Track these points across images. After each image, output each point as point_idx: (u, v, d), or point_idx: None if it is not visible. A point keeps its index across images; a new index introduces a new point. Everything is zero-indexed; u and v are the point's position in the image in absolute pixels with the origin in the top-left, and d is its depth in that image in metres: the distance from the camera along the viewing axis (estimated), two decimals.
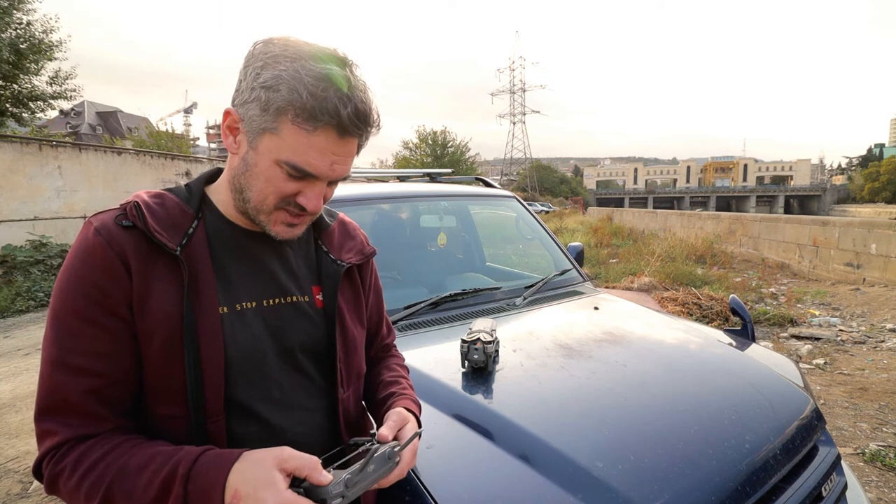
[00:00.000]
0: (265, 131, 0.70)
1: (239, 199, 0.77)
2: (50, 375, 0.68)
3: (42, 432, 0.68)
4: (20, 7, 10.49)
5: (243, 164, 0.74)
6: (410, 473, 0.98)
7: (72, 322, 0.68)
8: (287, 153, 0.70)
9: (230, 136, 0.75)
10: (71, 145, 9.21)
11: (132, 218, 0.72)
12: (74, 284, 0.69)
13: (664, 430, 1.12)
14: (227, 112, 0.74)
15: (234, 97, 0.74)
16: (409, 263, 2.31)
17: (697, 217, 14.68)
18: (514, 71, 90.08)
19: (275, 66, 0.68)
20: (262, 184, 0.73)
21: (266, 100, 0.68)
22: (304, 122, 0.68)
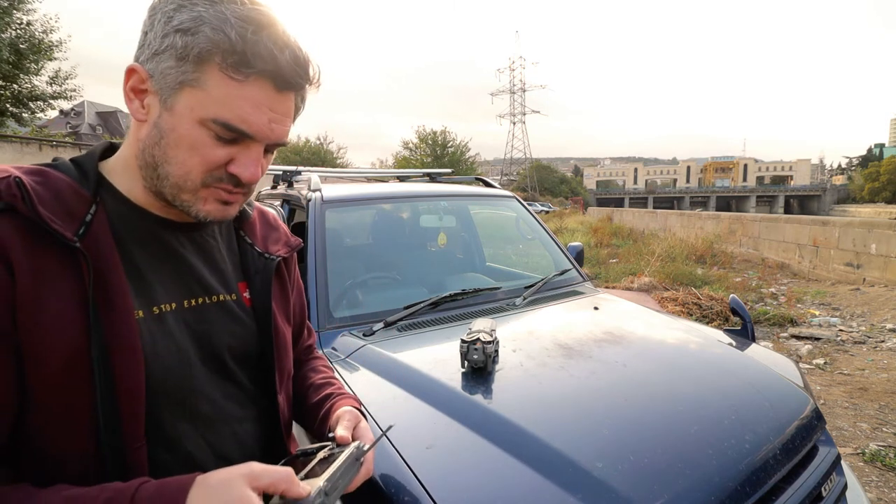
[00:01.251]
0: (183, 85, 0.58)
1: (151, 177, 0.63)
2: None
3: None
4: (20, 7, 10.50)
5: (156, 132, 0.60)
6: (411, 473, 0.98)
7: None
8: (214, 109, 0.58)
9: (135, 100, 0.61)
10: (71, 145, 9.23)
11: (10, 198, 0.54)
12: None
13: (664, 430, 1.12)
14: (129, 70, 0.60)
15: (136, 54, 0.61)
16: (409, 263, 2.31)
17: (697, 217, 14.68)
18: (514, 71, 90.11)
19: (192, 7, 0.57)
20: (183, 153, 0.60)
21: (183, 45, 0.56)
22: (234, 69, 0.57)
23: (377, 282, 2.08)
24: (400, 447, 1.05)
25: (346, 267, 2.03)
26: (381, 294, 1.99)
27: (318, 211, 1.93)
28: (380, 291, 2.02)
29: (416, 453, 1.04)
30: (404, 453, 1.04)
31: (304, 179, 2.37)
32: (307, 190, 2.05)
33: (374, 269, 2.14)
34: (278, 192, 2.53)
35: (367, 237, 2.42)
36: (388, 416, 1.17)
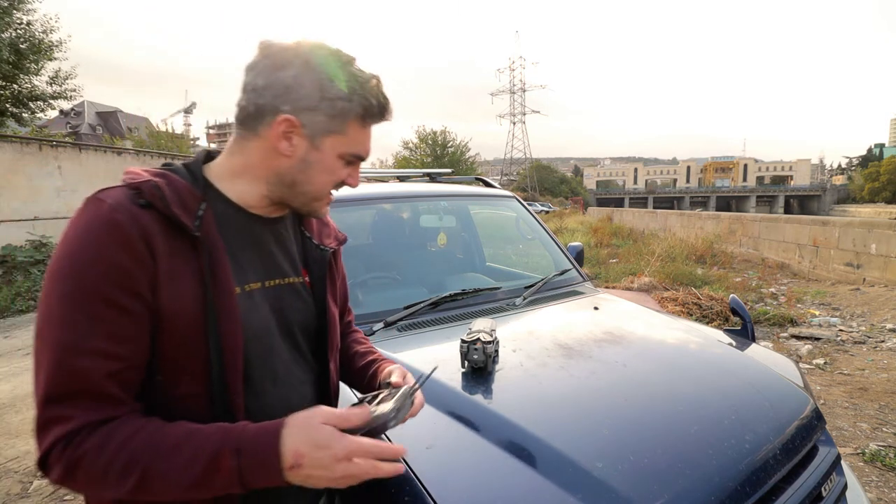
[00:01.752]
0: (330, 133, 0.79)
1: (283, 192, 0.82)
2: (62, 360, 0.64)
3: (51, 419, 0.64)
4: (20, 7, 10.49)
5: (303, 164, 0.80)
6: (410, 473, 0.98)
7: (91, 304, 0.65)
8: (351, 147, 0.81)
9: (283, 141, 0.78)
10: (71, 145, 9.21)
11: (151, 198, 0.71)
12: (92, 265, 0.65)
13: (664, 430, 1.12)
14: (285, 119, 0.76)
15: (276, 101, 0.76)
16: (409, 263, 2.31)
17: (697, 217, 14.68)
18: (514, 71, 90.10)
19: (338, 79, 0.78)
20: (324, 176, 0.82)
21: (341, 108, 0.77)
22: (366, 122, 0.82)
23: (377, 282, 2.08)
24: None
25: (346, 267, 2.03)
26: (381, 294, 1.99)
27: None
28: (380, 291, 2.02)
29: (416, 453, 1.04)
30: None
31: None
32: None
33: (374, 269, 2.14)
34: None
35: (367, 237, 2.42)
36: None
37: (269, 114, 0.77)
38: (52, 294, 0.66)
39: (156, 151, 11.60)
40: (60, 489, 2.65)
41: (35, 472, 2.79)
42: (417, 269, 2.32)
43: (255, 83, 0.77)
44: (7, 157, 7.87)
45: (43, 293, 0.67)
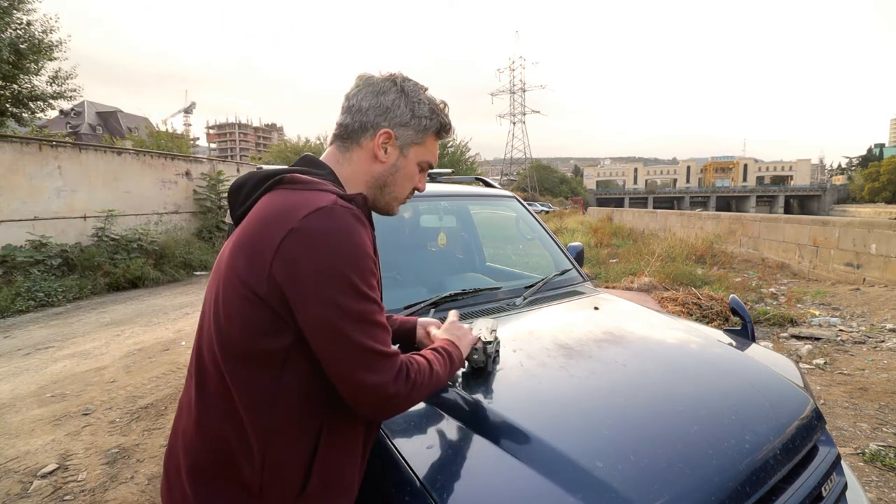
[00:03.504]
0: (414, 143, 1.02)
1: (377, 193, 1.03)
2: (377, 322, 0.87)
3: (392, 355, 0.90)
4: (20, 7, 10.48)
5: (393, 168, 1.02)
6: (410, 474, 0.98)
7: (372, 279, 0.87)
8: (427, 156, 1.06)
9: (381, 150, 1.00)
10: (71, 145, 9.21)
11: (362, 206, 0.93)
12: (363, 252, 0.85)
13: (664, 430, 1.12)
14: (386, 132, 0.99)
15: (377, 120, 0.99)
16: (409, 263, 2.31)
17: (697, 217, 14.68)
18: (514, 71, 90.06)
19: (423, 103, 1.02)
20: (407, 180, 1.05)
21: (425, 125, 1.02)
22: (440, 136, 1.06)
23: None
24: (400, 447, 1.06)
25: None
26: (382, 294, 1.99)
27: None
28: None
29: (416, 453, 1.04)
30: (404, 453, 1.04)
31: None
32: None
33: None
34: None
35: None
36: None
37: (372, 128, 0.99)
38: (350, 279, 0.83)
39: (156, 151, 11.59)
40: (61, 489, 2.65)
41: (35, 472, 2.79)
42: (417, 269, 2.32)
43: (359, 105, 0.99)
44: (7, 157, 7.87)
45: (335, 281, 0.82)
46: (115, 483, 2.71)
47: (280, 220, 0.83)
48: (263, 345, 0.83)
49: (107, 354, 4.90)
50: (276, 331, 0.83)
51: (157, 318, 6.37)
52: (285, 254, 0.81)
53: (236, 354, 0.85)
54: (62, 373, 4.38)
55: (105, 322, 6.16)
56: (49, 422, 3.45)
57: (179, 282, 9.08)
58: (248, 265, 0.84)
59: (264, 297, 0.82)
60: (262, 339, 0.83)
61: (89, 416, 3.54)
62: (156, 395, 3.90)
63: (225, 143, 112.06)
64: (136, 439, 3.20)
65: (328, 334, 0.82)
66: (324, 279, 0.81)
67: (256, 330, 0.83)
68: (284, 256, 0.81)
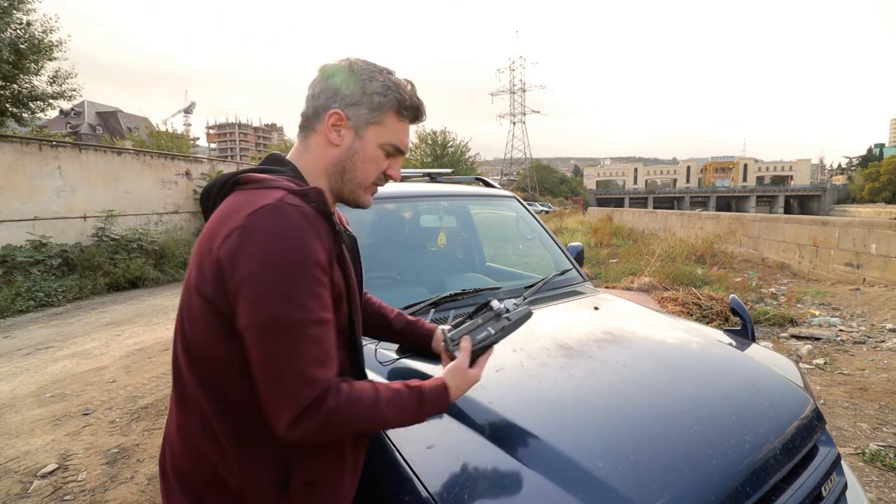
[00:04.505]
0: (371, 124, 0.94)
1: (337, 181, 0.97)
2: (308, 337, 0.79)
3: (312, 380, 0.79)
4: (20, 7, 10.48)
5: (349, 152, 0.95)
6: (411, 473, 0.98)
7: (314, 286, 0.80)
8: (390, 137, 0.97)
9: (332, 132, 0.94)
10: (71, 145, 9.21)
11: (317, 201, 0.87)
12: (306, 255, 0.80)
13: (664, 430, 1.12)
14: (334, 112, 0.93)
15: (327, 102, 0.94)
16: (409, 263, 2.31)
17: (697, 217, 14.67)
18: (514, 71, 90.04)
19: (377, 79, 0.94)
20: (367, 164, 0.97)
21: (378, 102, 0.93)
22: (402, 115, 0.97)
23: (377, 282, 2.08)
24: (400, 447, 1.06)
25: None
26: (381, 294, 1.98)
27: None
28: (380, 291, 2.01)
29: (416, 453, 1.04)
30: (404, 453, 1.04)
31: None
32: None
33: (374, 269, 2.14)
34: None
35: (367, 237, 2.42)
36: None
37: (323, 111, 0.94)
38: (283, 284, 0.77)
39: (156, 151, 11.59)
40: (61, 489, 2.65)
41: (35, 472, 2.79)
42: (417, 269, 2.32)
43: (313, 93, 0.95)
44: (7, 157, 7.86)
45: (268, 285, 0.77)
46: (115, 483, 2.71)
47: (224, 222, 0.82)
48: (220, 350, 0.82)
49: (107, 354, 4.90)
50: (228, 335, 0.81)
51: (158, 317, 6.37)
52: (224, 255, 0.79)
53: (200, 360, 0.85)
54: (62, 373, 4.38)
55: (105, 322, 6.16)
56: (49, 422, 3.45)
57: (179, 282, 9.07)
58: (198, 270, 0.83)
59: (212, 301, 0.80)
60: (218, 344, 0.82)
61: (89, 416, 3.54)
62: (156, 394, 3.90)
63: (225, 143, 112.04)
64: (136, 439, 3.20)
65: (252, 342, 0.78)
66: (256, 283, 0.77)
67: (213, 335, 0.82)
68: (223, 258, 0.79)
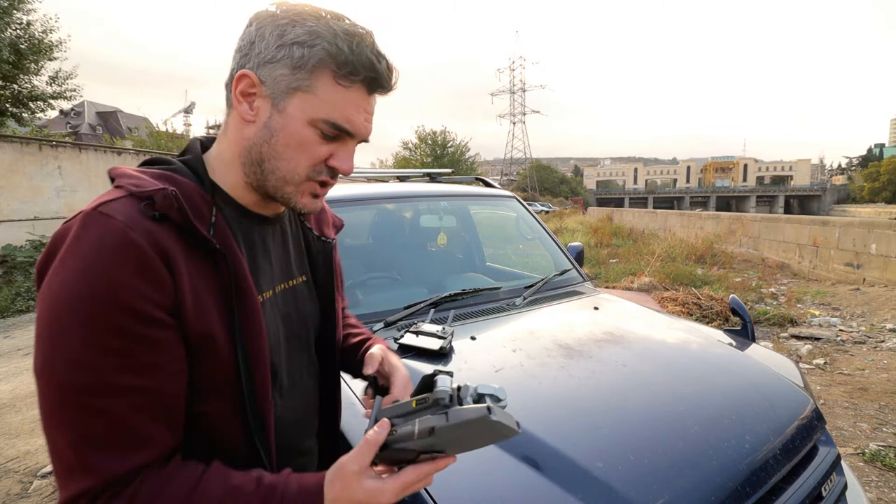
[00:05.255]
0: (296, 91, 0.64)
1: (255, 172, 0.69)
2: (85, 403, 0.55)
3: (81, 469, 0.55)
4: (20, 7, 10.49)
5: (266, 132, 0.66)
6: None
7: (108, 338, 0.55)
8: (325, 110, 0.65)
9: (244, 103, 0.66)
10: (71, 145, 9.21)
11: (167, 209, 0.60)
12: (106, 293, 0.55)
13: (664, 430, 1.12)
14: (241, 75, 0.65)
15: (241, 61, 0.66)
16: (409, 263, 2.31)
17: (697, 217, 14.67)
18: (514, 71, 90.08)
19: (303, 23, 0.63)
20: (293, 150, 0.66)
21: (300, 56, 0.63)
22: (344, 77, 0.64)
23: (377, 282, 2.08)
24: None
25: (346, 267, 2.02)
26: (381, 294, 1.99)
27: None
28: (380, 291, 2.02)
29: None
30: None
31: None
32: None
33: (374, 269, 2.14)
34: None
35: (367, 237, 2.42)
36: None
37: (234, 76, 0.66)
38: (58, 329, 0.55)
39: (156, 151, 11.60)
40: None
41: (35, 472, 2.79)
42: (417, 269, 2.32)
43: (236, 48, 0.68)
44: (7, 157, 7.87)
45: (44, 326, 0.56)
46: None
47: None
48: None
49: None
50: None
51: None
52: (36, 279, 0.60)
53: None
54: None
55: None
56: None
57: None
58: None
59: None
60: None
61: None
62: None
63: None
64: None
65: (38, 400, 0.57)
66: (40, 324, 0.56)
67: None
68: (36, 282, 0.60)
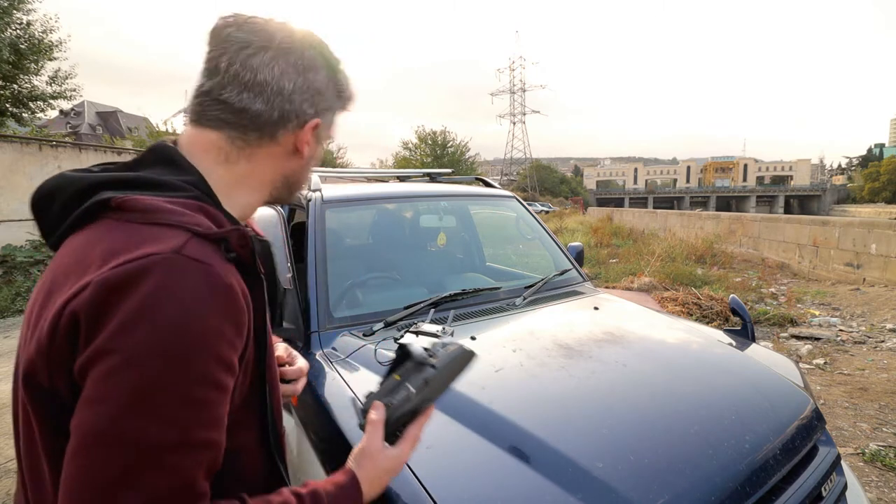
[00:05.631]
0: (327, 125, 0.76)
1: (285, 191, 0.76)
2: (161, 461, 0.52)
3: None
4: (20, 7, 10.49)
5: (310, 161, 0.76)
6: (411, 473, 0.98)
7: (197, 389, 0.53)
8: (331, 133, 0.78)
9: (308, 145, 0.73)
10: (71, 145, 9.21)
11: (239, 250, 0.62)
12: (201, 342, 0.54)
13: (664, 430, 1.12)
14: (317, 124, 0.72)
15: (305, 107, 0.70)
16: (409, 263, 2.31)
17: (697, 217, 14.67)
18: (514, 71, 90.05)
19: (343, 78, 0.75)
20: (313, 165, 0.79)
21: (342, 103, 0.77)
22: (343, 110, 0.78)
23: (377, 282, 2.08)
24: None
25: (346, 267, 2.03)
26: (381, 294, 1.99)
27: (318, 211, 1.93)
28: (380, 291, 2.02)
29: (416, 453, 1.03)
30: None
31: None
32: (307, 190, 2.06)
33: (374, 269, 2.14)
34: None
35: (366, 237, 2.42)
36: None
37: (295, 118, 0.70)
38: (148, 383, 0.52)
39: None
40: None
41: None
42: (417, 269, 2.32)
43: (280, 85, 0.67)
44: (7, 157, 7.87)
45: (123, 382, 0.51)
46: None
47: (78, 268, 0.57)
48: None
49: None
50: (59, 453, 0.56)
51: None
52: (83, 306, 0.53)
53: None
54: None
55: None
56: None
57: None
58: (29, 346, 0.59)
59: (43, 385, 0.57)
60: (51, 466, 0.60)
61: None
62: None
63: None
64: None
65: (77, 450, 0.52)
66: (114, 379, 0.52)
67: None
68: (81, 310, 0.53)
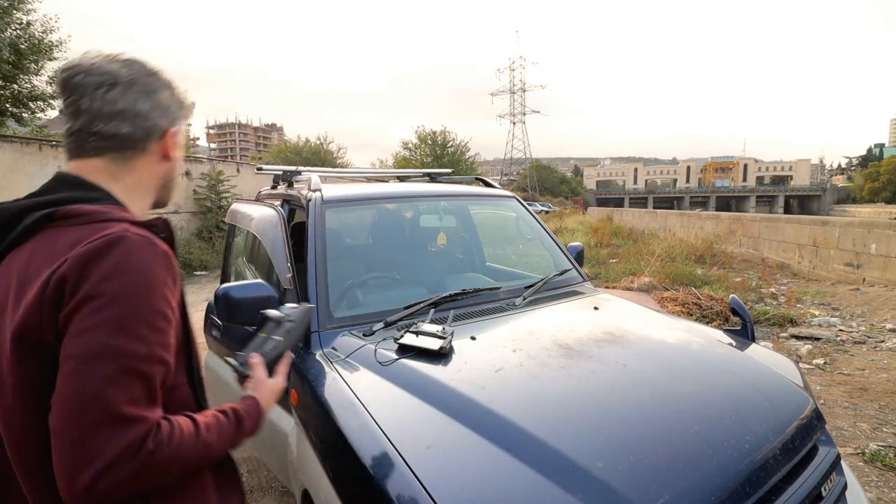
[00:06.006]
0: (180, 131, 0.96)
1: (164, 191, 0.98)
2: (136, 368, 0.75)
3: (130, 418, 0.73)
4: (20, 7, 10.48)
5: (175, 161, 0.97)
6: (411, 473, 0.98)
7: (157, 320, 0.78)
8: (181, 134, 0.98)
9: (172, 150, 0.95)
10: None
11: (165, 230, 0.87)
12: (155, 288, 0.79)
13: (664, 430, 1.12)
14: (174, 132, 0.94)
15: (161, 122, 0.92)
16: (409, 263, 2.31)
17: (697, 217, 14.67)
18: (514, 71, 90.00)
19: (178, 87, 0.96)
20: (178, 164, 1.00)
21: (184, 116, 0.97)
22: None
23: (377, 282, 2.08)
24: (400, 447, 1.06)
25: (346, 267, 2.03)
26: (381, 294, 1.99)
27: (318, 211, 1.93)
28: (380, 291, 2.02)
29: (416, 453, 1.04)
30: (404, 453, 1.04)
31: (304, 179, 2.35)
32: (307, 190, 2.05)
33: (374, 269, 2.14)
34: (278, 192, 2.53)
35: (366, 237, 2.42)
36: (389, 416, 1.17)
37: (157, 131, 0.92)
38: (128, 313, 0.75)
39: None
40: None
41: None
42: (417, 269, 2.32)
43: (135, 109, 0.88)
44: (7, 156, 7.86)
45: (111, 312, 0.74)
46: None
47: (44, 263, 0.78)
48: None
49: None
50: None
51: None
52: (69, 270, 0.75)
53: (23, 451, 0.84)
54: None
55: None
56: None
57: None
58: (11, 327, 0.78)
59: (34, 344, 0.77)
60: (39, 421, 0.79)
61: None
62: None
63: (225, 142, 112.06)
64: None
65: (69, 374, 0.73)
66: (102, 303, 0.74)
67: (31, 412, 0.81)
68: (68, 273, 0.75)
